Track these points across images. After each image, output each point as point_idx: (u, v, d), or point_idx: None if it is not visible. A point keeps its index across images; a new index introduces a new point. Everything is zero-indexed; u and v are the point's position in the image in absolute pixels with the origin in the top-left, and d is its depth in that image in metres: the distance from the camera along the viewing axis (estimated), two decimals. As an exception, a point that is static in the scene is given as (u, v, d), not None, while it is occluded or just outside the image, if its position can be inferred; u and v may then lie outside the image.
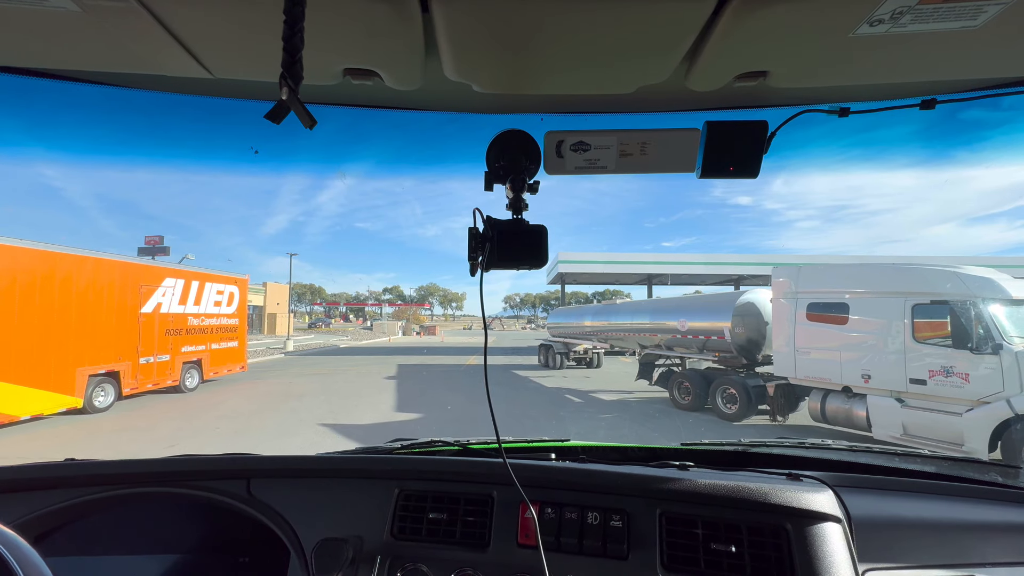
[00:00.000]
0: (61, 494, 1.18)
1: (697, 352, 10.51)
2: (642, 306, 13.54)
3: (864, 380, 6.54)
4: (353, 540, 1.05)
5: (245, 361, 14.07)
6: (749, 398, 8.25)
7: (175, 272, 11.32)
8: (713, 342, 9.84)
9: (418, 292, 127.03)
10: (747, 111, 1.03)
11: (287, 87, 0.53)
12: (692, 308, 10.85)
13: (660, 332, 11.62)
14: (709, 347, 10.02)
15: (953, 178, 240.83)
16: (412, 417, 8.94)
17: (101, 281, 9.16)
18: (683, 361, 11.42)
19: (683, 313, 10.87)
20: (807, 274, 7.77)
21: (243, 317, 13.84)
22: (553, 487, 1.09)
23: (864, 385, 6.56)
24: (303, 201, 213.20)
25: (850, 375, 6.76)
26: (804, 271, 7.87)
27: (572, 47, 0.75)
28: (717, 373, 9.51)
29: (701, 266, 28.45)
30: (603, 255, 30.00)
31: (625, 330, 13.63)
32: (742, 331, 9.34)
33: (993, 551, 0.97)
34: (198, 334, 11.86)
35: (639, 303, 14.53)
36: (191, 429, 7.97)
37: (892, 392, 6.27)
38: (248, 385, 12.81)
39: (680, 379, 10.06)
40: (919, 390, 5.95)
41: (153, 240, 28.97)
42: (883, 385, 6.36)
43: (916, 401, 6.02)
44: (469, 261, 0.88)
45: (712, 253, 48.53)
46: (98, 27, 0.71)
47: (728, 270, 28.87)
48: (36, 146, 3.15)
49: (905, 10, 0.63)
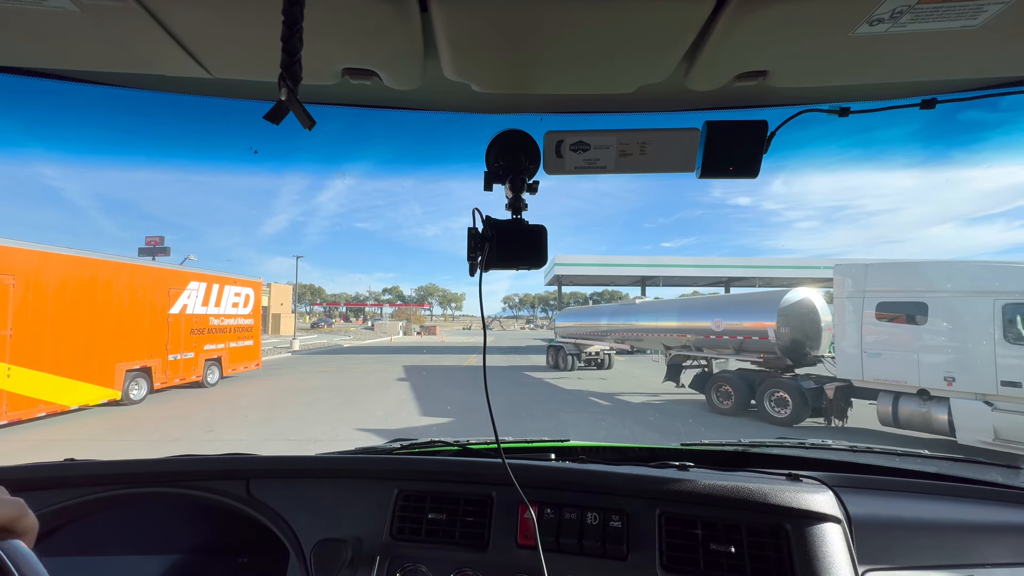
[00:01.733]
0: (61, 494, 1.16)
1: (733, 353, 9.91)
2: (668, 306, 12.75)
3: (947, 383, 6.10)
4: (352, 540, 1.03)
5: (260, 359, 14.62)
6: (804, 401, 7.71)
7: (199, 276, 11.96)
8: (753, 343, 9.23)
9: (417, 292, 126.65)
10: (747, 111, 1.02)
11: (286, 87, 0.53)
12: (729, 308, 10.23)
13: (690, 332, 10.98)
14: (748, 348, 9.42)
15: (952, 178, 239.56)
16: (418, 409, 9.35)
17: (136, 285, 9.93)
18: (709, 362, 10.92)
19: (718, 313, 10.26)
20: (875, 273, 7.28)
21: (258, 317, 14.39)
22: (552, 487, 1.07)
23: (946, 388, 6.11)
24: (303, 201, 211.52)
25: (929, 377, 6.29)
26: (872, 270, 7.37)
27: (571, 47, 0.74)
28: (758, 375, 8.92)
29: (692, 268, 28.98)
30: (598, 258, 30.68)
31: (649, 331, 13.00)
32: (788, 331, 8.76)
33: (993, 551, 0.95)
34: (218, 333, 12.54)
35: (665, 303, 13.57)
36: (222, 418, 8.62)
37: (979, 395, 5.86)
38: (263, 381, 13.39)
39: (719, 382, 9.34)
40: (1013, 393, 5.57)
41: (153, 240, 28.77)
42: (969, 388, 5.94)
43: (1009, 404, 5.62)
44: (468, 261, 0.87)
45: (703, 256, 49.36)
46: (96, 27, 0.70)
47: (718, 272, 29.41)
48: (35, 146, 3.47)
49: (905, 9, 0.62)
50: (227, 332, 12.89)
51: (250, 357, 14.03)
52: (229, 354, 12.89)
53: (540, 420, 8.48)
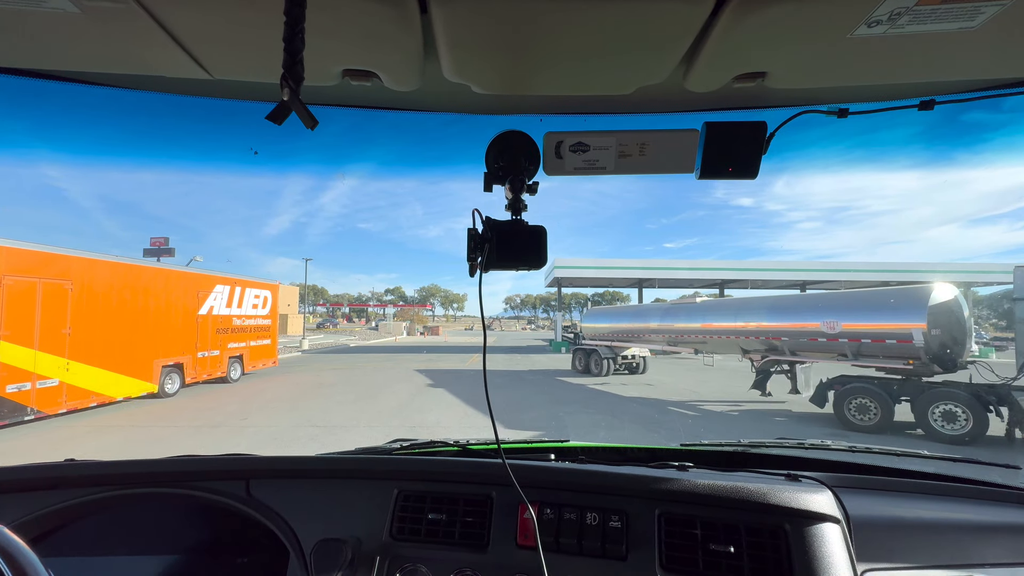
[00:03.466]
0: (60, 495, 1.15)
1: (848, 357, 8.64)
2: (751, 305, 11.15)
3: None
4: (352, 541, 1.02)
5: (276, 357, 15.31)
6: (983, 414, 6.60)
7: (223, 280, 12.54)
8: (887, 347, 7.90)
9: (419, 293, 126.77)
10: (746, 112, 1.00)
11: (288, 88, 0.52)
12: (848, 306, 8.79)
13: (786, 335, 9.59)
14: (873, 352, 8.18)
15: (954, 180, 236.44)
16: (429, 402, 9.80)
17: (171, 288, 10.65)
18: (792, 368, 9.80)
19: (831, 312, 8.93)
20: None
21: (275, 318, 15.02)
22: (552, 488, 1.06)
23: None
24: (306, 202, 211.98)
25: None
26: None
27: (571, 48, 0.73)
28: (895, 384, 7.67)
29: (686, 271, 29.62)
30: (596, 260, 31.50)
31: (720, 332, 11.44)
32: (938, 333, 7.45)
33: (992, 551, 0.93)
34: (240, 332, 13.22)
35: (746, 301, 11.86)
36: (252, 408, 9.18)
37: None
38: (282, 377, 13.99)
39: (854, 394, 7.84)
40: None
41: (158, 241, 28.43)
42: None
43: None
44: (468, 262, 0.85)
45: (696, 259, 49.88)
46: (97, 28, 0.69)
47: (713, 274, 30.07)
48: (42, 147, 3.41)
49: (903, 11, 0.62)
50: (248, 332, 13.56)
51: (268, 355, 14.66)
52: (250, 352, 13.58)
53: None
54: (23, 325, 7.48)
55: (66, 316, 8.17)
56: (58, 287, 8.08)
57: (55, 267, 8.06)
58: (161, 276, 10.57)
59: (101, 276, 8.99)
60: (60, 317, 8.08)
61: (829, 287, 29.68)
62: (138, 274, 9.91)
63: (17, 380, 7.34)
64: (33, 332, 7.63)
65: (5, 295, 7.23)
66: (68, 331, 8.19)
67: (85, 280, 8.61)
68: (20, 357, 7.40)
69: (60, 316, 8.08)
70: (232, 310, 12.98)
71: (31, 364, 7.55)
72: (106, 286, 9.06)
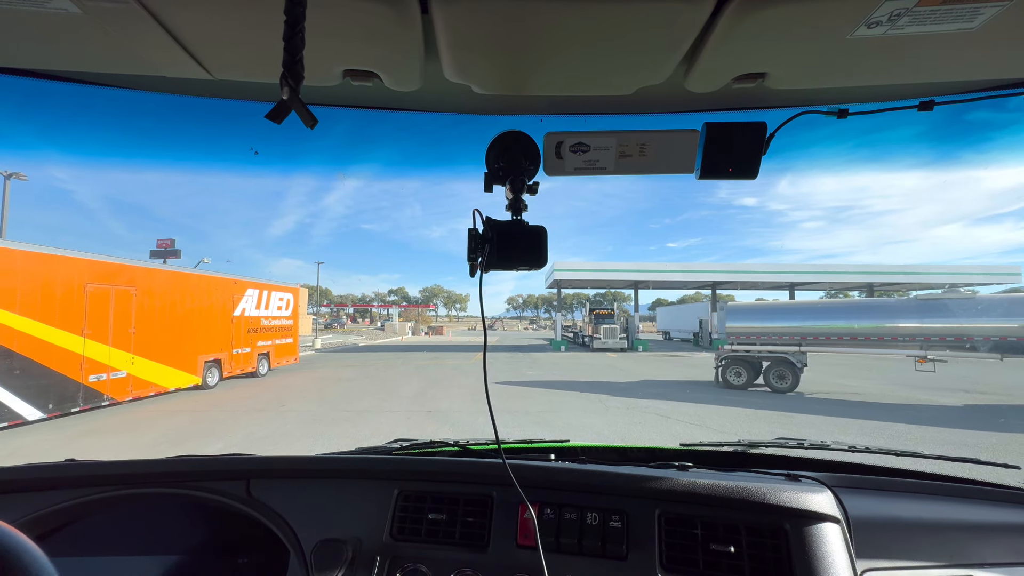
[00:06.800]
0: (61, 494, 1.13)
1: None
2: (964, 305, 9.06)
3: None
4: (352, 541, 1.00)
5: (297, 354, 16.13)
6: None
7: (254, 284, 13.44)
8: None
9: (423, 293, 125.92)
10: (746, 112, 0.99)
11: (288, 87, 0.51)
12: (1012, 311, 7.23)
13: None
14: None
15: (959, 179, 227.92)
16: (439, 393, 10.33)
17: (211, 292, 11.59)
18: None
19: None
20: None
21: (296, 319, 15.84)
22: (552, 488, 1.03)
23: None
24: (310, 203, 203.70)
25: None
26: None
27: (571, 49, 0.71)
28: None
29: (680, 274, 30.43)
30: (594, 263, 32.42)
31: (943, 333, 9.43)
32: None
33: (992, 551, 0.91)
34: (267, 332, 13.90)
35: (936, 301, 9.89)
36: (285, 397, 9.90)
37: None
38: (305, 373, 14.65)
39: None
40: None
41: (165, 243, 28.94)
42: None
43: None
44: (469, 262, 0.83)
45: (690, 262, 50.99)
46: (98, 29, 0.68)
47: (706, 277, 30.89)
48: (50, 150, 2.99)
49: (902, 12, 0.61)
50: (273, 331, 14.32)
51: (290, 353, 15.39)
52: (275, 350, 14.30)
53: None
54: (100, 325, 8.44)
55: (131, 317, 9.26)
56: (126, 292, 9.10)
57: (123, 275, 9.08)
58: (204, 282, 11.60)
59: (157, 282, 10.02)
60: (127, 318, 9.07)
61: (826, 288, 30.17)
62: (185, 280, 10.95)
63: (96, 372, 8.34)
64: (107, 331, 8.61)
65: (88, 300, 8.40)
66: (133, 330, 9.38)
67: (145, 286, 9.60)
68: (98, 352, 8.41)
69: (127, 317, 9.07)
70: (260, 311, 13.79)
71: (106, 358, 8.51)
72: (161, 291, 10.06)
